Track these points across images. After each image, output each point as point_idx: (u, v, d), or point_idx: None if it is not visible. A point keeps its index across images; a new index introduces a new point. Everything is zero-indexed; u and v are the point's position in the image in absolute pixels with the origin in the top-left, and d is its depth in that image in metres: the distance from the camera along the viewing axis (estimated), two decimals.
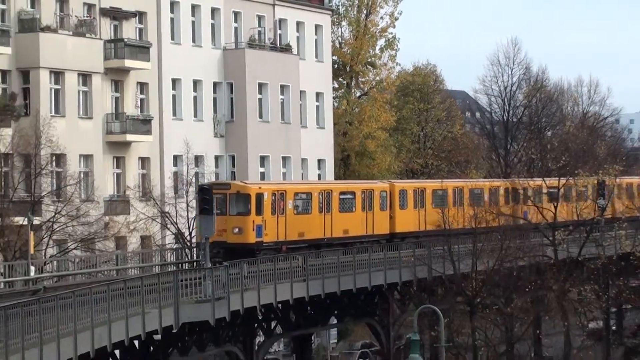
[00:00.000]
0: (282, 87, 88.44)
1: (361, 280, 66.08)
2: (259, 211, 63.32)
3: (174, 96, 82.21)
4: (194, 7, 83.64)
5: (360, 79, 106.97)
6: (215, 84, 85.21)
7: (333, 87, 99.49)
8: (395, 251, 70.27)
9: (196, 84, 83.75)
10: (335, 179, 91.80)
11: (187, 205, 72.15)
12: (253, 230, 63.01)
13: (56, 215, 67.06)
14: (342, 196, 71.79)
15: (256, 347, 64.05)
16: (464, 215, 74.17)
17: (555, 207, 71.55)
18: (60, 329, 42.56)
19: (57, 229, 67.37)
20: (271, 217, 64.54)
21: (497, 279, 63.26)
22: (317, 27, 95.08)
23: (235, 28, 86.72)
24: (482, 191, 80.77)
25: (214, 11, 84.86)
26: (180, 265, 68.13)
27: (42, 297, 45.60)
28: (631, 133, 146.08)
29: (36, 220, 64.66)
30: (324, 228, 69.35)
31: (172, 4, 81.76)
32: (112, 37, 77.03)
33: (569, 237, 69.10)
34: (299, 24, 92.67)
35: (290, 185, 73.95)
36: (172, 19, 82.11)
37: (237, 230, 62.78)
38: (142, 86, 79.83)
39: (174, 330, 52.89)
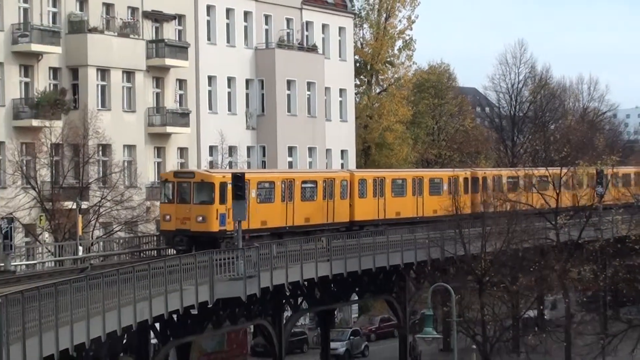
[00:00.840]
0: (309, 83, 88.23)
1: (380, 260, 66.21)
2: (223, 200, 58.21)
3: (209, 92, 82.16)
4: (228, 11, 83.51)
5: (380, 77, 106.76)
6: (247, 81, 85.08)
7: (355, 84, 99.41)
8: (409, 235, 69.92)
9: (230, 80, 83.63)
10: (357, 167, 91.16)
11: None
12: (217, 219, 58.10)
13: (102, 200, 67.51)
14: (304, 185, 66.04)
15: (284, 321, 64.19)
16: (423, 204, 71.84)
17: (558, 194, 71.28)
18: (105, 303, 43.09)
19: (103, 213, 67.89)
20: None
21: (504, 260, 63.32)
22: (341, 29, 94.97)
23: (266, 30, 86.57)
24: (442, 181, 75.54)
25: (246, 14, 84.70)
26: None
27: (89, 275, 46.11)
28: (627, 127, 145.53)
29: (84, 205, 65.25)
30: (286, 216, 63.63)
31: (208, 8, 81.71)
32: (154, 38, 77.20)
33: (570, 221, 69.15)
34: (324, 26, 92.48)
35: (253, 174, 66.12)
36: (208, 22, 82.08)
37: (200, 218, 57.84)
38: (181, 83, 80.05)
39: (209, 305, 53.43)
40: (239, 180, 57.08)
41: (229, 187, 56.74)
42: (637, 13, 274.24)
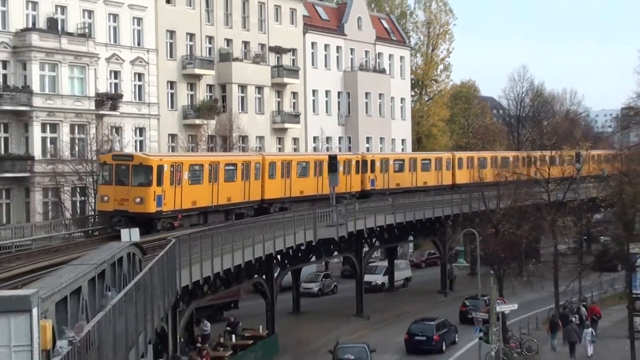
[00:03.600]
0: (380, 94, 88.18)
1: (428, 213, 66.99)
2: (160, 182, 46.51)
3: (313, 100, 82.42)
4: (326, 45, 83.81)
5: (427, 90, 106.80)
6: (339, 93, 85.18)
7: (411, 95, 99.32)
8: (448, 195, 70.81)
9: (327, 92, 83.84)
10: (412, 151, 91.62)
11: None
12: (154, 200, 46.20)
13: None
14: (227, 167, 53.10)
15: (363, 254, 64.50)
16: (323, 182, 61.02)
17: (549, 168, 71.34)
18: (244, 242, 43.58)
19: None
20: (170, 188, 47.48)
21: (512, 213, 63.04)
22: (402, 58, 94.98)
23: (351, 58, 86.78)
24: (339, 163, 59.67)
25: (338, 47, 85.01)
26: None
27: (234, 223, 47.30)
28: (597, 123, 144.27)
29: None
30: (212, 196, 51.44)
31: (312, 44, 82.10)
32: (276, 64, 77.34)
33: (557, 187, 68.61)
34: (390, 56, 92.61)
35: (186, 157, 54.20)
36: (312, 53, 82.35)
37: (138, 200, 45.75)
38: (294, 94, 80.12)
39: (314, 243, 53.95)
40: (333, 159, 57.79)
41: (166, 169, 47.23)
42: (604, 45, 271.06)
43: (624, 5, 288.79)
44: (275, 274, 54.18)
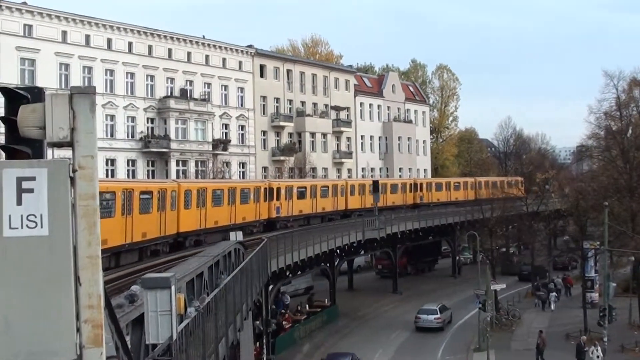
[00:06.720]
0: (408, 138, 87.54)
1: (442, 220, 65.95)
2: None
3: (361, 143, 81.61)
4: (370, 104, 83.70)
5: (442, 134, 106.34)
6: (379, 137, 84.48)
7: (430, 138, 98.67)
8: (455, 208, 69.76)
9: (371, 137, 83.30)
10: (431, 177, 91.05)
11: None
12: None
13: None
14: (142, 196, 29.57)
15: (397, 250, 63.37)
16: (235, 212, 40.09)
17: (526, 189, 70.78)
18: (314, 240, 43.07)
19: None
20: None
21: (501, 220, 62.24)
22: (423, 112, 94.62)
23: (388, 113, 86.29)
24: (249, 191, 41.83)
25: (379, 106, 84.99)
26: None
27: (309, 227, 46.64)
28: (560, 156, 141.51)
29: None
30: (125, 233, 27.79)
31: (360, 104, 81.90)
32: (335, 118, 76.99)
33: (534, 201, 67.38)
34: (414, 111, 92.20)
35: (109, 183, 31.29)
36: (360, 110, 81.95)
37: None
38: (348, 138, 79.47)
39: (362, 242, 53.03)
40: (376, 184, 57.73)
41: None
42: (565, 101, 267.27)
43: (579, 72, 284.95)
44: (336, 263, 54.14)
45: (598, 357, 37.29)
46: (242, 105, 66.11)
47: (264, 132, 68.60)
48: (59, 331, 3.81)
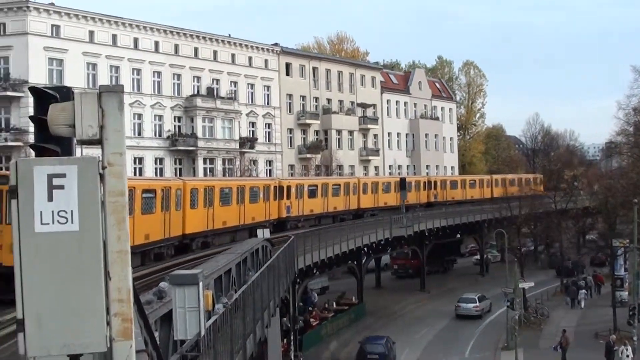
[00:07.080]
0: (435, 135, 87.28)
1: (470, 218, 65.38)
2: None
3: (388, 140, 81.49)
4: (397, 102, 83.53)
5: (469, 131, 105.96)
6: (406, 134, 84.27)
7: (457, 135, 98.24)
8: (479, 205, 69.15)
9: (398, 134, 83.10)
10: (458, 174, 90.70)
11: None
12: None
13: None
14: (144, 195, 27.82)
15: (425, 247, 62.89)
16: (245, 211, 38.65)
17: (555, 186, 70.13)
18: (341, 238, 43.07)
19: None
20: None
21: (530, 217, 61.91)
22: (450, 109, 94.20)
23: (414, 110, 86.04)
24: (259, 190, 39.93)
25: (405, 103, 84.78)
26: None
27: (338, 225, 46.85)
28: (588, 153, 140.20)
29: None
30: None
31: (387, 101, 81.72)
32: (362, 115, 76.62)
33: (563, 198, 67.04)
34: (442, 108, 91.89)
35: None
36: (387, 107, 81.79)
37: None
38: (375, 136, 79.29)
39: (390, 239, 52.86)
40: (403, 181, 57.35)
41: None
42: (590, 103, 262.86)
43: (608, 68, 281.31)
44: (363, 261, 53.78)
45: (628, 356, 36.86)
46: (268, 103, 66.21)
47: (290, 130, 68.62)
48: (90, 324, 3.89)
